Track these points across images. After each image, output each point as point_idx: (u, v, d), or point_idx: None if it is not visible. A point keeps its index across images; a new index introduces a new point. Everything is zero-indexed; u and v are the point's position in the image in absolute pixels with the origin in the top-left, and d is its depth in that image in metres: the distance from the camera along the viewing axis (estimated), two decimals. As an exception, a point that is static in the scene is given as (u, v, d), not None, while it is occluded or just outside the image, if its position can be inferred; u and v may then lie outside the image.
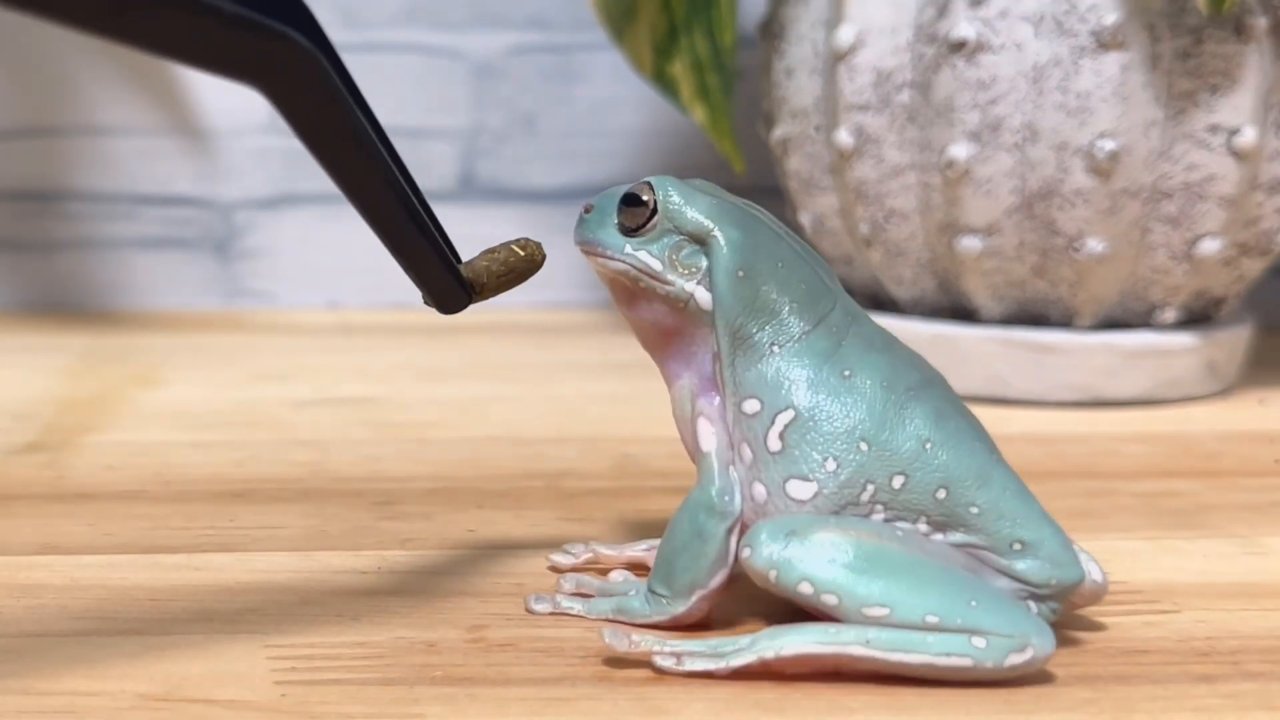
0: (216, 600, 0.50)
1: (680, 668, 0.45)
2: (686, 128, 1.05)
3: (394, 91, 1.05)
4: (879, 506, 0.46)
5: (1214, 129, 0.77)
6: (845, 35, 0.80)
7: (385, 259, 0.46)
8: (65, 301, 1.05)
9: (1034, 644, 0.44)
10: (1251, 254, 0.81)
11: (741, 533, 0.47)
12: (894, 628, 0.44)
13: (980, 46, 0.77)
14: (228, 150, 1.05)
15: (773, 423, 0.47)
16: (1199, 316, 0.84)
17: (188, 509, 0.60)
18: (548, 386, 0.85)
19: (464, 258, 0.49)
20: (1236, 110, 0.77)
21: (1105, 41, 0.76)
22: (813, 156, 0.84)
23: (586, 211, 0.50)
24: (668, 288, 0.48)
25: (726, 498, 0.47)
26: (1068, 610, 0.49)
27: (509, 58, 1.06)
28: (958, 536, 0.46)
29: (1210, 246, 0.79)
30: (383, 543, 0.57)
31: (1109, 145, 0.76)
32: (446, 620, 0.48)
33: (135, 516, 0.59)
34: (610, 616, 0.48)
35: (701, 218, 0.48)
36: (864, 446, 0.46)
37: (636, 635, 0.45)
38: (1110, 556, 0.56)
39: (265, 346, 0.94)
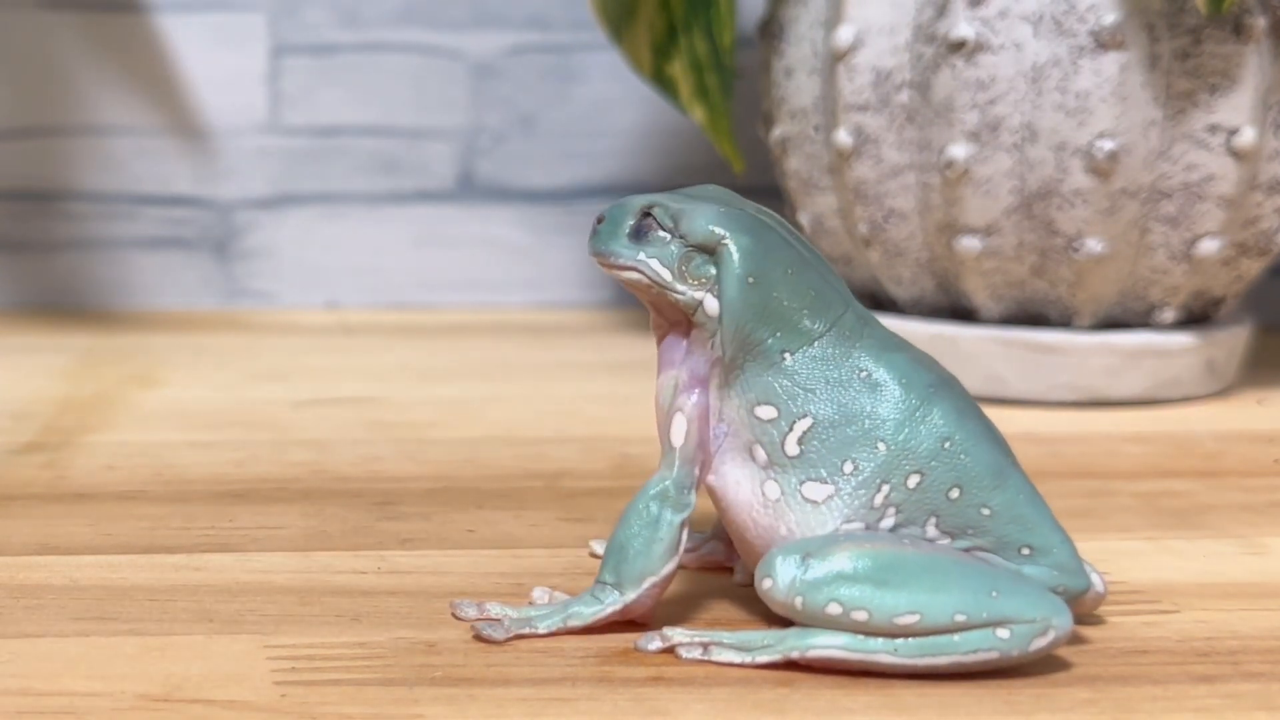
0: (216, 600, 0.50)
1: (706, 657, 0.45)
2: (686, 128, 1.05)
3: (393, 91, 1.05)
4: (891, 509, 0.46)
5: (1213, 129, 0.77)
6: (844, 35, 0.80)
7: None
8: (65, 301, 1.05)
9: (1055, 625, 0.45)
10: (1251, 254, 0.81)
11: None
12: (923, 633, 0.44)
13: (979, 46, 0.77)
14: (228, 150, 1.05)
15: (790, 429, 0.47)
16: (1198, 316, 0.84)
17: (187, 509, 0.60)
18: (547, 386, 0.85)
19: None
20: (1235, 110, 0.77)
21: (1104, 41, 0.76)
22: (812, 156, 0.84)
23: (599, 222, 0.50)
24: (678, 296, 0.48)
25: (686, 491, 0.47)
26: None
27: (508, 58, 1.06)
28: (965, 542, 0.47)
29: (1209, 246, 0.79)
30: (383, 543, 0.57)
31: (1108, 145, 0.76)
32: (446, 620, 0.48)
33: (135, 516, 0.59)
34: (562, 626, 0.47)
35: (711, 227, 0.48)
36: (881, 447, 0.47)
37: (668, 630, 0.46)
38: (1110, 556, 0.56)
39: (265, 346, 0.94)
